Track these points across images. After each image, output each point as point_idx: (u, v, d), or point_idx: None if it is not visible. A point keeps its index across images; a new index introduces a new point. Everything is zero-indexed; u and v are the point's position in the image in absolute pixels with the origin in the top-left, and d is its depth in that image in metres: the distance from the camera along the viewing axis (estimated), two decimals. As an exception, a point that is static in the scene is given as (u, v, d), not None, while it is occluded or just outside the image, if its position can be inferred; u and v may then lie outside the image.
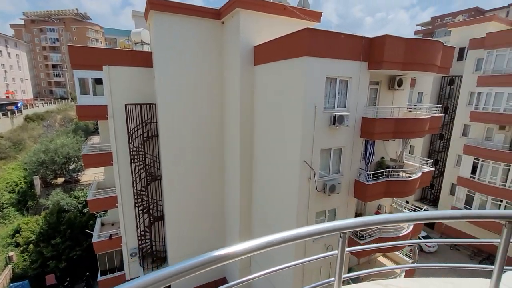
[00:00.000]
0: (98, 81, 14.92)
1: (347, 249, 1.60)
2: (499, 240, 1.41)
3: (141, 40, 16.92)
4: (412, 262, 14.56)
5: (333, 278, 1.72)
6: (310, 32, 8.72)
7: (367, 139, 10.96)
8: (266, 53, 11.66)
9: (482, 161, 21.38)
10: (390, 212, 15.13)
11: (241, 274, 15.24)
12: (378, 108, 11.25)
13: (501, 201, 20.67)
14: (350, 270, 13.57)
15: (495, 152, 20.47)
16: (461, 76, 24.50)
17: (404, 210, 14.92)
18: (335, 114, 9.79)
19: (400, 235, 12.39)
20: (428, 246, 22.97)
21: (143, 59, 14.49)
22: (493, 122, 20.98)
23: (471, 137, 22.84)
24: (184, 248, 15.44)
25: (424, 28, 45.99)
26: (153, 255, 16.36)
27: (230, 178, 15.05)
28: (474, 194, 22.12)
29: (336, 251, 1.59)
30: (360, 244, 11.42)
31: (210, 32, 13.58)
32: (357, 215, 14.07)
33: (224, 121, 15.03)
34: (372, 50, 10.08)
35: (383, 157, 13.33)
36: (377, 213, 14.32)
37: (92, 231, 17.95)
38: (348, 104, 10.43)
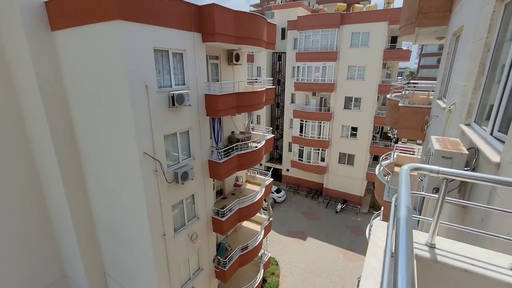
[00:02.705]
0: None
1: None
2: None
3: None
4: (269, 218, 16.81)
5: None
6: (116, -15, 6.62)
7: (213, 116, 10.58)
8: (65, 13, 8.32)
9: (305, 121, 27.29)
10: (247, 181, 16.42)
11: (97, 301, 12.26)
12: (222, 83, 10.95)
13: (319, 149, 27.63)
14: (220, 244, 13.85)
15: (311, 114, 26.55)
16: (286, 52, 29.27)
17: (257, 175, 16.57)
18: (173, 94, 8.53)
19: (256, 200, 13.60)
20: (279, 197, 27.85)
21: None
22: (308, 90, 26.79)
23: (297, 103, 28.41)
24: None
25: (256, 9, 51.47)
26: None
27: (53, 193, 11.00)
28: (303, 148, 28.28)
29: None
30: (223, 222, 11.54)
31: None
32: (218, 192, 14.22)
33: (23, 115, 10.30)
34: (203, 21, 9.27)
35: (233, 131, 13.72)
36: (235, 185, 15.05)
37: None
38: (187, 81, 9.39)
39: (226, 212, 11.83)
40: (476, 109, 3.04)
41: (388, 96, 9.71)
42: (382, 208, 11.22)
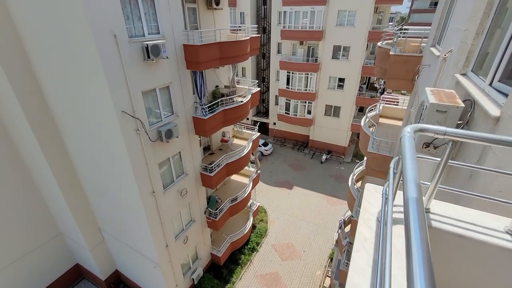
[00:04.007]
0: None
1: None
2: None
3: None
4: (256, 171, 17.29)
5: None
6: None
7: (194, 70, 9.85)
8: None
9: (292, 73, 26.33)
10: (234, 136, 16.32)
11: (96, 254, 12.93)
12: (202, 32, 9.89)
13: (305, 102, 27.35)
14: (210, 197, 14.38)
15: (298, 64, 25.47)
16: (271, -5, 26.57)
17: (244, 130, 16.45)
18: (147, 44, 7.67)
19: (243, 154, 13.71)
20: (266, 150, 28.39)
21: None
22: (295, 38, 25.19)
23: (283, 54, 26.96)
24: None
25: None
26: None
27: (33, 157, 10.52)
28: (290, 101, 27.87)
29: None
30: (211, 177, 11.73)
31: None
32: (205, 148, 14.16)
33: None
34: (173, -48, 7.90)
35: (217, 86, 13.03)
36: (222, 140, 14.97)
37: None
38: (162, 29, 8.39)
39: (214, 168, 11.95)
40: (475, 57, 2.83)
41: (379, 44, 9.19)
42: (365, 158, 11.64)
